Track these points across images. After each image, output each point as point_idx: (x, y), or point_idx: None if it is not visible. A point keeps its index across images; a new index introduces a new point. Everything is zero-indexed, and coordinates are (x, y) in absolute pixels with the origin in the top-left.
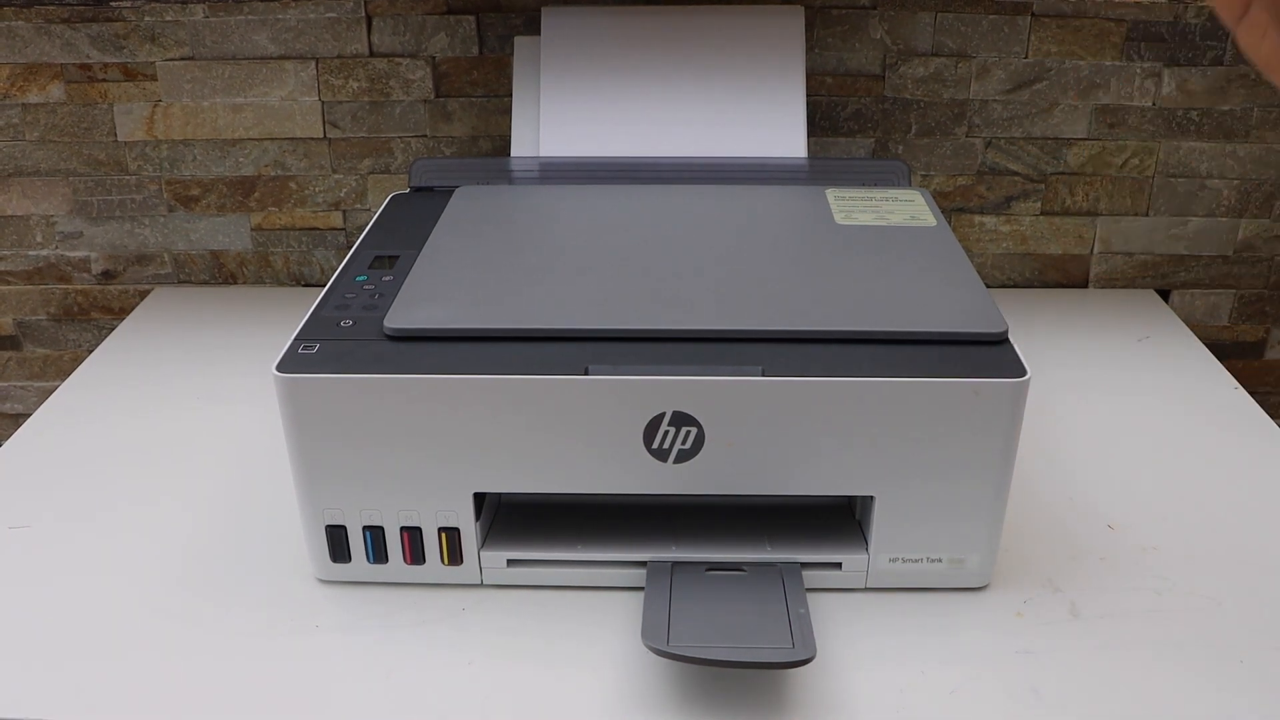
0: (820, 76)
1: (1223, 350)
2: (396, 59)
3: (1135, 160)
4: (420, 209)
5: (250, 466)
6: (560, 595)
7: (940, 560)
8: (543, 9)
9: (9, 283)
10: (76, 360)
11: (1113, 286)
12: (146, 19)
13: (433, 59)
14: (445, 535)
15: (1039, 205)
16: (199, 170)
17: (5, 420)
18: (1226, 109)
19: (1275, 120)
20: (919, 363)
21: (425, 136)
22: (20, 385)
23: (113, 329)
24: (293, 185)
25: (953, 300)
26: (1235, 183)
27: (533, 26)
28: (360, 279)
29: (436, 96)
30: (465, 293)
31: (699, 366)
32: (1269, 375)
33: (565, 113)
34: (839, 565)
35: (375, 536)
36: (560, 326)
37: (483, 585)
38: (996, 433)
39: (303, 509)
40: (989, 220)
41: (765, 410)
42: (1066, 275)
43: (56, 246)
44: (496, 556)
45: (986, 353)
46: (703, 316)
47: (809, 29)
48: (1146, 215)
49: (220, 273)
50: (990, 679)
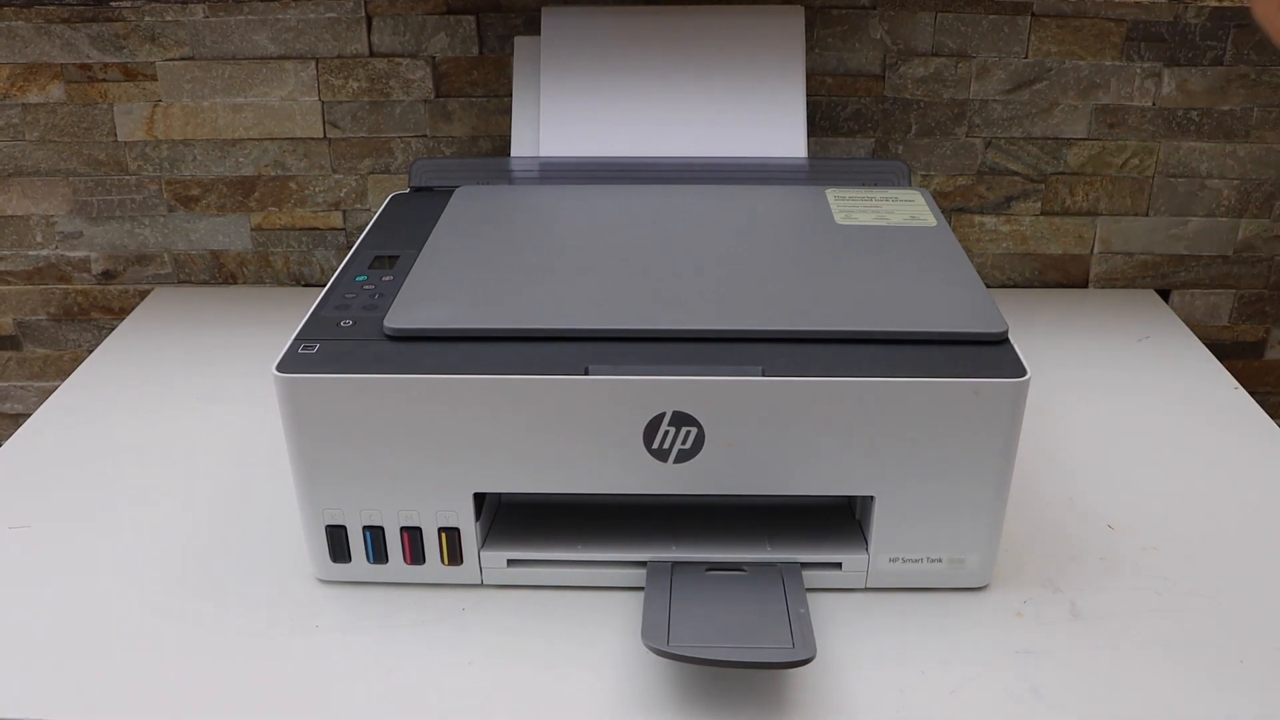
0: (820, 76)
1: (1223, 350)
2: (396, 59)
3: (1135, 160)
4: (420, 209)
5: (250, 466)
6: (560, 595)
7: (940, 560)
8: (543, 9)
9: (9, 283)
10: (76, 360)
11: (1113, 286)
12: (146, 19)
13: (433, 59)
14: (445, 535)
15: (1039, 205)
16: (199, 170)
17: (5, 420)
18: (1226, 109)
19: (1275, 120)
20: (919, 363)
21: (425, 136)
22: (20, 385)
23: (113, 329)
24: (293, 185)
25: (953, 300)
26: (1235, 183)
27: (533, 26)
28: (360, 279)
29: (436, 96)
30: (465, 293)
31: (699, 366)
32: (1269, 375)
33: (565, 113)
34: (839, 565)
35: (375, 536)
36: (560, 326)
37: (483, 585)
38: (996, 433)
39: (303, 509)
40: (989, 220)
41: (765, 410)
42: (1066, 275)
43: (56, 246)
44: (496, 556)
45: (986, 353)
46: (703, 316)
47: (809, 29)
48: (1146, 215)
49: (220, 273)
50: (990, 679)
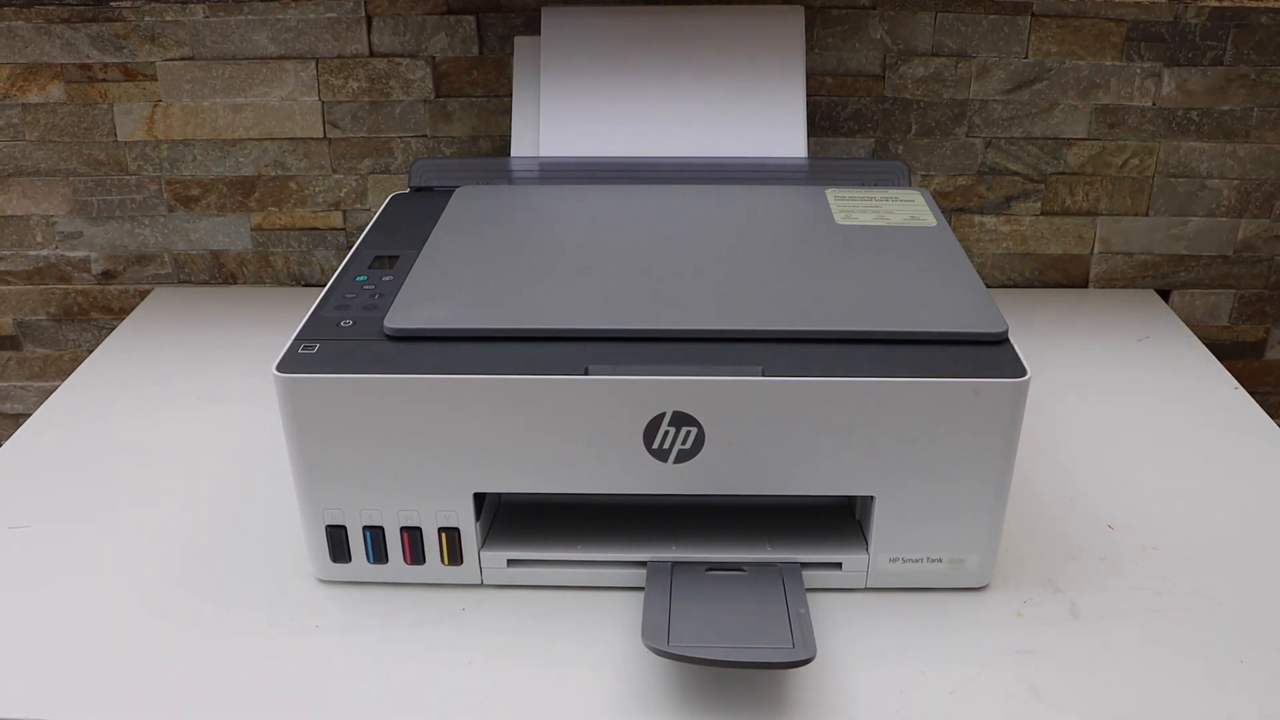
0: (820, 76)
1: (1223, 350)
2: (396, 59)
3: (1135, 160)
4: (420, 209)
5: (250, 466)
6: (560, 595)
7: (940, 560)
8: (543, 9)
9: (9, 283)
10: (76, 360)
11: (1113, 286)
12: (146, 19)
13: (433, 59)
14: (445, 535)
15: (1039, 205)
16: (199, 170)
17: (5, 420)
18: (1226, 109)
19: (1275, 120)
20: (919, 363)
21: (425, 136)
22: (20, 385)
23: (113, 329)
24: (293, 185)
25: (953, 300)
26: (1235, 183)
27: (533, 26)
28: (360, 279)
29: (436, 96)
30: (465, 293)
31: (699, 366)
32: (1269, 375)
33: (565, 113)
34: (839, 565)
35: (375, 536)
36: (560, 326)
37: (483, 585)
38: (996, 433)
39: (303, 509)
40: (989, 220)
41: (765, 410)
42: (1066, 275)
43: (56, 246)
44: (496, 556)
45: (986, 353)
46: (703, 316)
47: (809, 29)
48: (1146, 215)
49: (220, 273)
50: (990, 679)
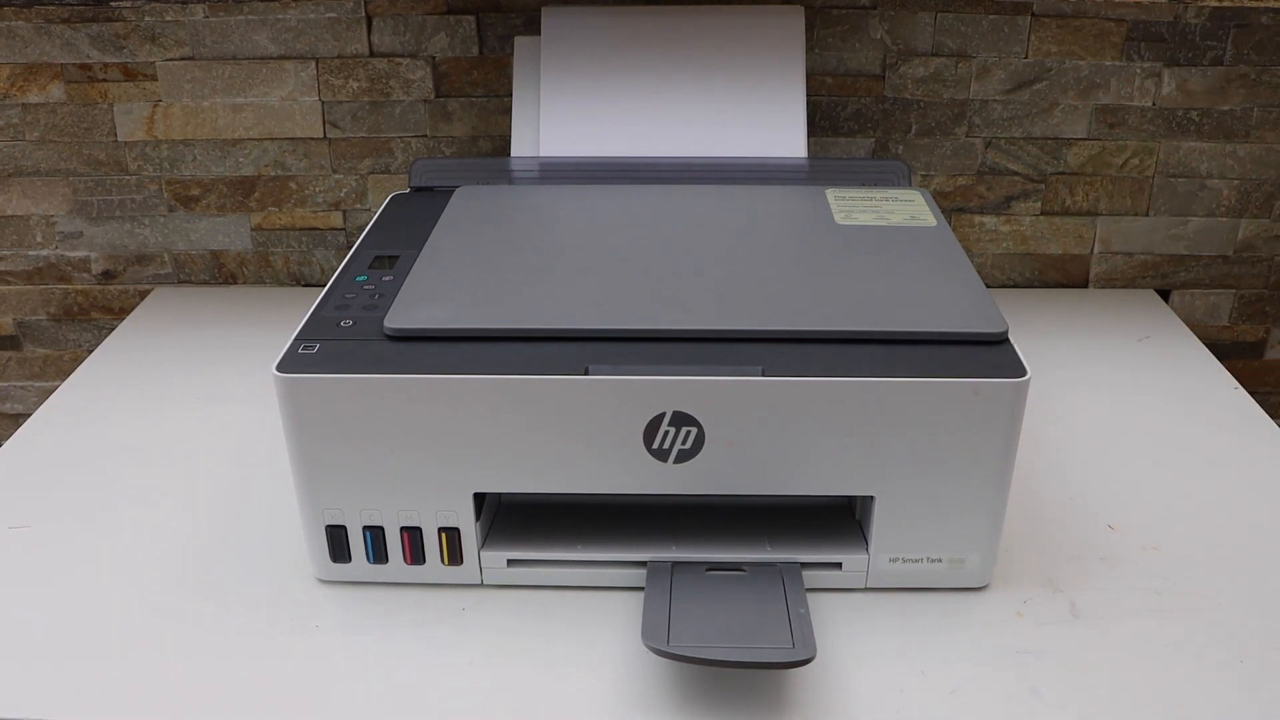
0: (820, 76)
1: (1223, 350)
2: (396, 59)
3: (1135, 160)
4: (420, 209)
5: (250, 466)
6: (560, 595)
7: (940, 560)
8: (543, 9)
9: (9, 283)
10: (76, 360)
11: (1113, 286)
12: (146, 19)
13: (433, 59)
14: (445, 535)
15: (1039, 205)
16: (199, 170)
17: (5, 420)
18: (1226, 109)
19: (1275, 120)
20: (919, 363)
21: (425, 136)
22: (20, 385)
23: (113, 329)
24: (293, 185)
25: (953, 300)
26: (1235, 183)
27: (533, 26)
28: (360, 279)
29: (436, 96)
30: (465, 293)
31: (699, 366)
32: (1269, 375)
33: (565, 113)
34: (839, 565)
35: (375, 536)
36: (560, 326)
37: (483, 585)
38: (996, 433)
39: (303, 509)
40: (989, 220)
41: (765, 410)
42: (1066, 275)
43: (56, 246)
44: (496, 556)
45: (986, 353)
46: (703, 316)
47: (809, 29)
48: (1146, 215)
49: (220, 273)
50: (990, 679)
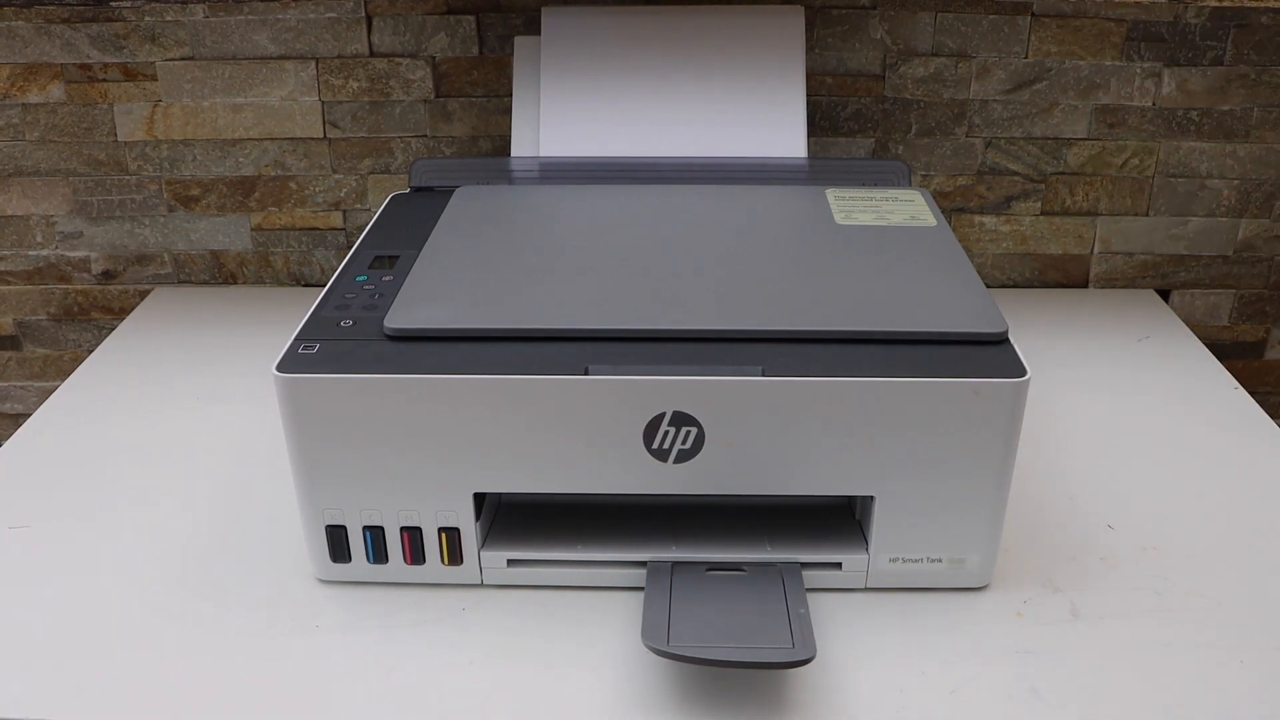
0: (820, 76)
1: (1223, 350)
2: (396, 59)
3: (1135, 160)
4: (420, 209)
5: (250, 466)
6: (560, 595)
7: (940, 560)
8: (543, 9)
9: (9, 283)
10: (76, 360)
11: (1113, 286)
12: (146, 19)
13: (433, 59)
14: (445, 535)
15: (1039, 205)
16: (199, 170)
17: (5, 420)
18: (1226, 109)
19: (1275, 120)
20: (919, 363)
21: (425, 136)
22: (20, 385)
23: (113, 329)
24: (293, 185)
25: (953, 300)
26: (1235, 183)
27: (533, 26)
28: (360, 279)
29: (436, 96)
30: (465, 293)
31: (699, 366)
32: (1269, 375)
33: (565, 113)
34: (839, 565)
35: (375, 536)
36: (560, 326)
37: (483, 585)
38: (996, 433)
39: (303, 509)
40: (989, 220)
41: (765, 410)
42: (1066, 275)
43: (56, 246)
44: (496, 556)
45: (986, 353)
46: (703, 316)
47: (809, 29)
48: (1146, 215)
49: (220, 273)
50: (990, 679)
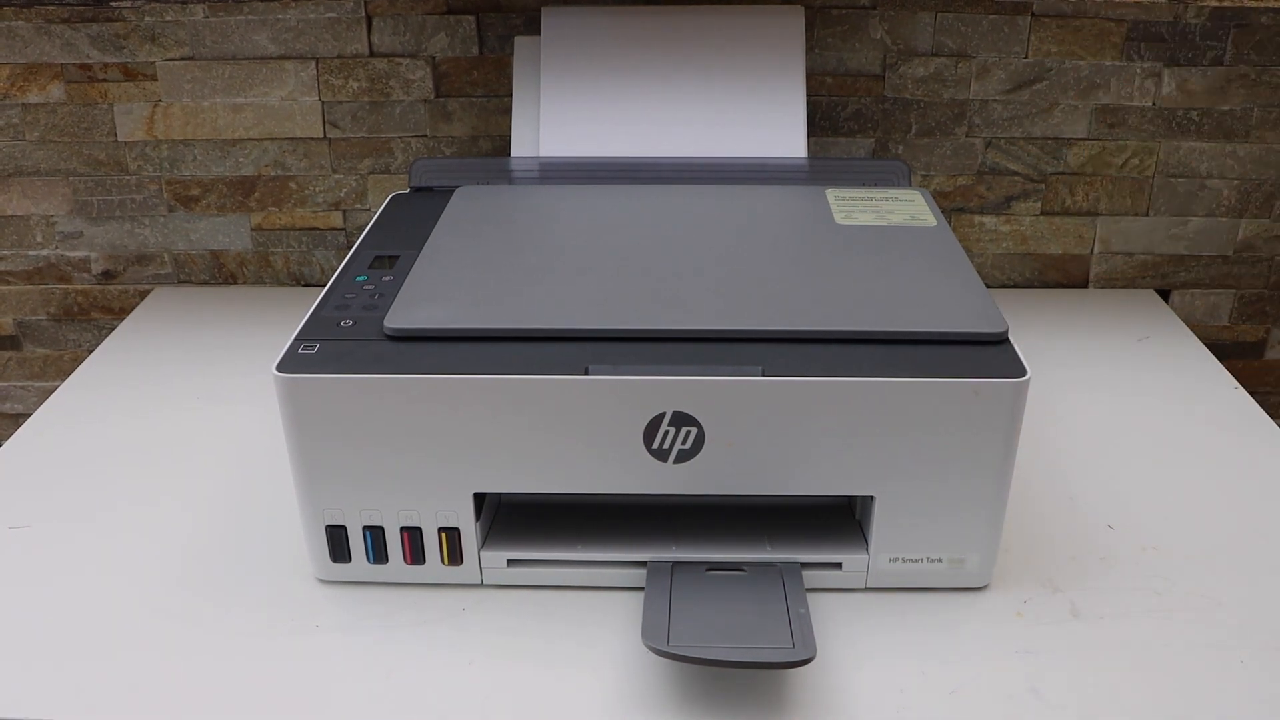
0: (820, 76)
1: (1223, 350)
2: (396, 59)
3: (1135, 160)
4: (420, 209)
5: (250, 466)
6: (560, 595)
7: (940, 560)
8: (543, 9)
9: (9, 283)
10: (76, 360)
11: (1113, 286)
12: (146, 19)
13: (433, 59)
14: (445, 535)
15: (1039, 205)
16: (199, 170)
17: (5, 420)
18: (1226, 109)
19: (1275, 120)
20: (919, 363)
21: (425, 136)
22: (20, 385)
23: (113, 329)
24: (293, 185)
25: (953, 300)
26: (1235, 183)
27: (533, 26)
28: (360, 279)
29: (436, 96)
30: (465, 293)
31: (699, 366)
32: (1269, 375)
33: (565, 113)
34: (839, 565)
35: (375, 536)
36: (560, 326)
37: (483, 585)
38: (996, 433)
39: (303, 509)
40: (989, 220)
41: (765, 410)
42: (1066, 275)
43: (56, 246)
44: (496, 556)
45: (986, 353)
46: (703, 316)
47: (809, 29)
48: (1146, 215)
49: (220, 273)
50: (990, 679)
